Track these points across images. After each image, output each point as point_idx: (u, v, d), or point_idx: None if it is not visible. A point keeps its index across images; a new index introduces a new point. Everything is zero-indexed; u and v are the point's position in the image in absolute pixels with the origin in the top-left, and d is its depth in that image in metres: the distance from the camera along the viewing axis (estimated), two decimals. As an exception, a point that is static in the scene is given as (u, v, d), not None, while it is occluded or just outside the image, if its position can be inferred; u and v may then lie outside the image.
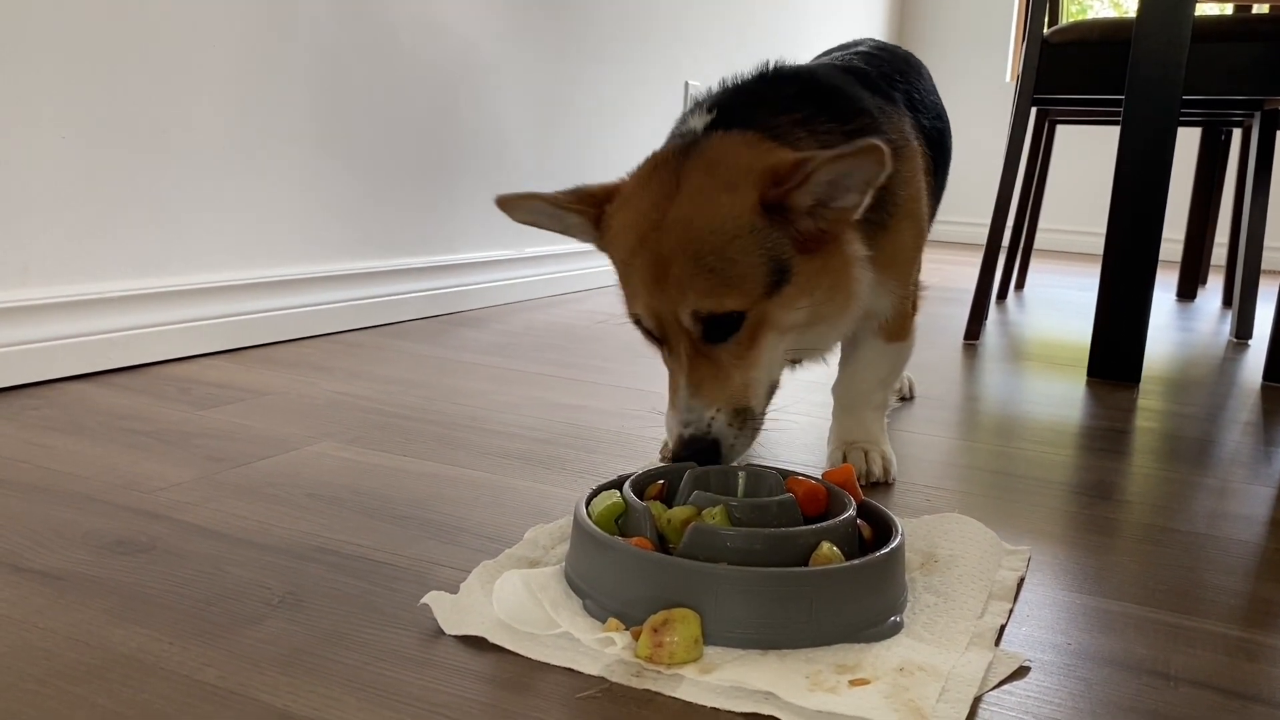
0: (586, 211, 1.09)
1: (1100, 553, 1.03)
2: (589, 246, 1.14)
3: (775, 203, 0.97)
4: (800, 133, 1.06)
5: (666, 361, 1.06)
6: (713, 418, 1.00)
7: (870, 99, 1.16)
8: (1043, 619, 0.87)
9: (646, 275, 1.00)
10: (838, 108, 1.11)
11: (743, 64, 1.19)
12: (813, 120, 1.08)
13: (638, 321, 1.07)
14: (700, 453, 0.99)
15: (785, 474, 0.95)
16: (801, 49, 4.39)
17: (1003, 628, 0.85)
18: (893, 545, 0.84)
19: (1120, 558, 1.02)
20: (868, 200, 0.98)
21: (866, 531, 0.90)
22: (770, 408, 1.07)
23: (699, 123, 1.09)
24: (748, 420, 1.02)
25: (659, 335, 1.05)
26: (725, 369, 1.01)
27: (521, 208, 1.10)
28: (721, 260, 0.97)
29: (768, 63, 1.20)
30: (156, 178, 1.65)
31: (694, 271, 0.97)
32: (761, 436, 1.07)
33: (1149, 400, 1.81)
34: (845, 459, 1.23)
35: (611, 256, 1.08)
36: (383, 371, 1.70)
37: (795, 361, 1.16)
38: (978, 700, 0.73)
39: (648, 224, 1.01)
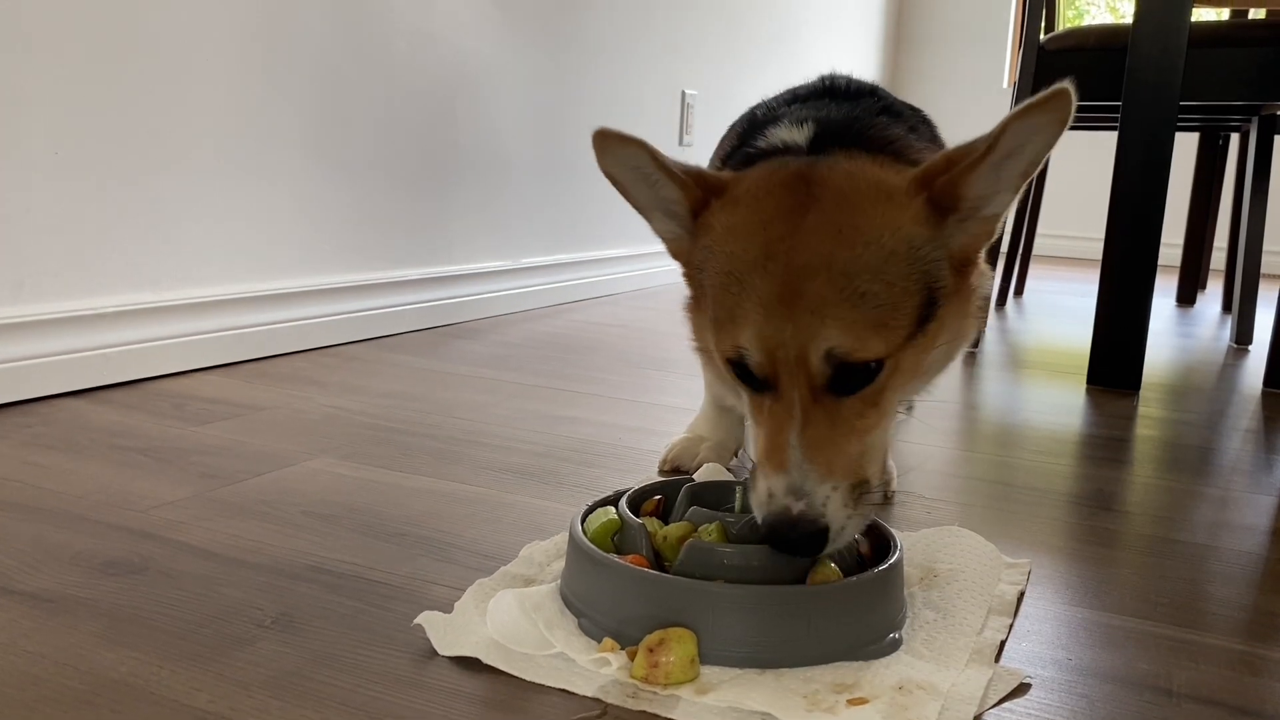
0: (690, 190, 0.88)
1: (1101, 565, 1.02)
2: (585, 255, 1.09)
3: (947, 197, 0.81)
4: (915, 144, 0.97)
5: (762, 407, 0.83)
6: (828, 496, 0.77)
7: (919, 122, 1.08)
8: (1044, 634, 0.86)
9: (768, 295, 0.79)
10: (912, 125, 1.03)
11: (740, 75, 1.16)
12: (909, 135, 0.98)
13: (738, 357, 0.82)
14: (804, 539, 0.77)
15: None
16: (799, 59, 4.39)
17: (1003, 643, 0.84)
18: (891, 561, 0.83)
19: (1121, 570, 1.01)
20: (1018, 197, 0.83)
21: (865, 547, 0.89)
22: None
23: (799, 136, 0.96)
24: (863, 497, 0.80)
25: (764, 375, 0.81)
26: (846, 430, 0.79)
27: (616, 152, 0.89)
28: (877, 283, 0.78)
29: (833, 76, 1.11)
30: (150, 192, 1.64)
31: (840, 296, 0.77)
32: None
33: (1149, 408, 1.80)
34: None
35: (709, 265, 0.86)
36: (379, 385, 1.69)
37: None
38: (978, 718, 0.72)
39: (776, 231, 0.81)
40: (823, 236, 0.79)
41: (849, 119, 0.99)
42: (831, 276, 0.77)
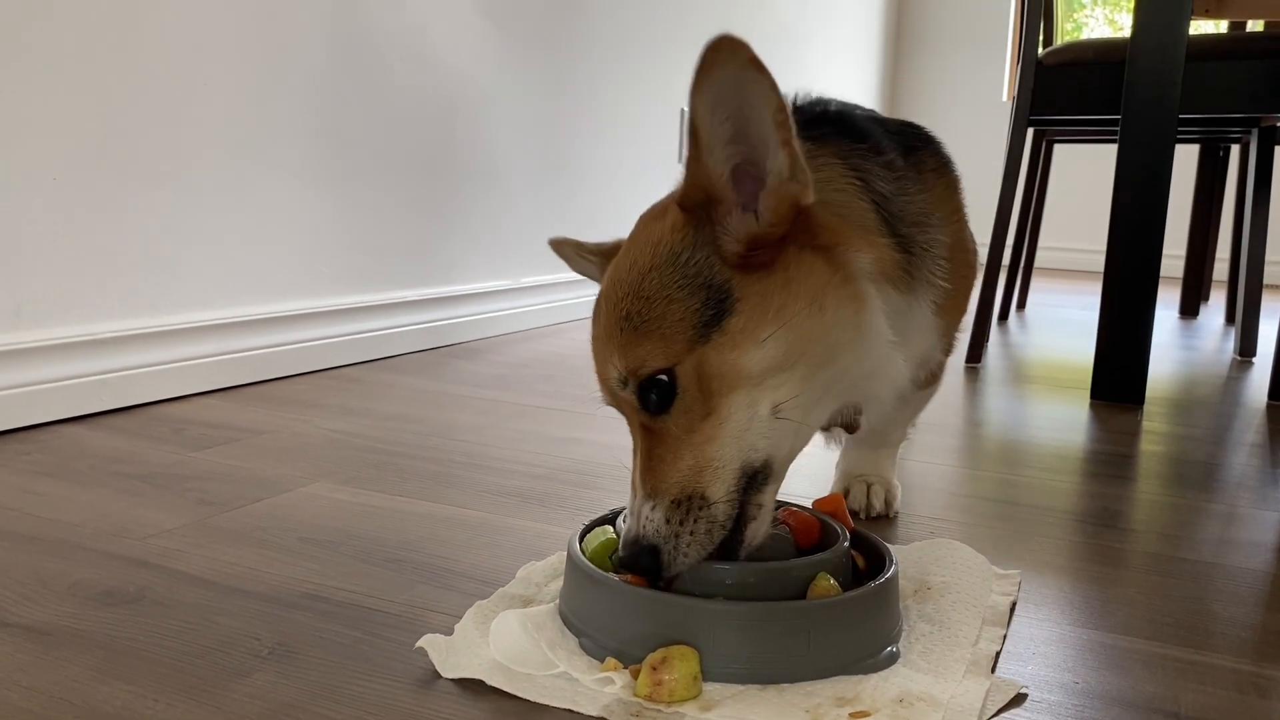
0: (598, 263, 1.00)
1: (1106, 584, 1.01)
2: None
3: (692, 197, 0.79)
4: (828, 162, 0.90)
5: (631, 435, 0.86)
6: (648, 516, 0.78)
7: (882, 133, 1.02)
8: (1049, 656, 0.85)
9: (592, 339, 0.86)
10: (864, 140, 0.96)
11: None
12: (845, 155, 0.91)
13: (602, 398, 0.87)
14: (636, 557, 0.78)
15: (778, 505, 0.93)
16: (798, 76, 4.40)
17: (998, 654, 0.84)
18: (887, 575, 0.84)
19: (1127, 589, 1.00)
20: (801, 157, 0.76)
21: (861, 561, 0.89)
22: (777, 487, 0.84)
23: None
24: (696, 511, 0.78)
25: (615, 407, 0.85)
26: (674, 448, 0.79)
27: (560, 251, 1.05)
28: (638, 301, 0.79)
29: (795, 98, 1.12)
30: (148, 217, 1.64)
31: (612, 322, 0.80)
32: None
33: (1153, 422, 1.79)
34: (848, 492, 1.21)
35: None
36: (378, 407, 1.68)
37: (827, 429, 1.00)
38: None
39: (605, 282, 0.86)
40: (612, 272, 0.84)
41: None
42: (608, 309, 0.81)
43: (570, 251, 1.04)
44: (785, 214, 0.78)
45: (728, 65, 0.73)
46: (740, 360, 0.78)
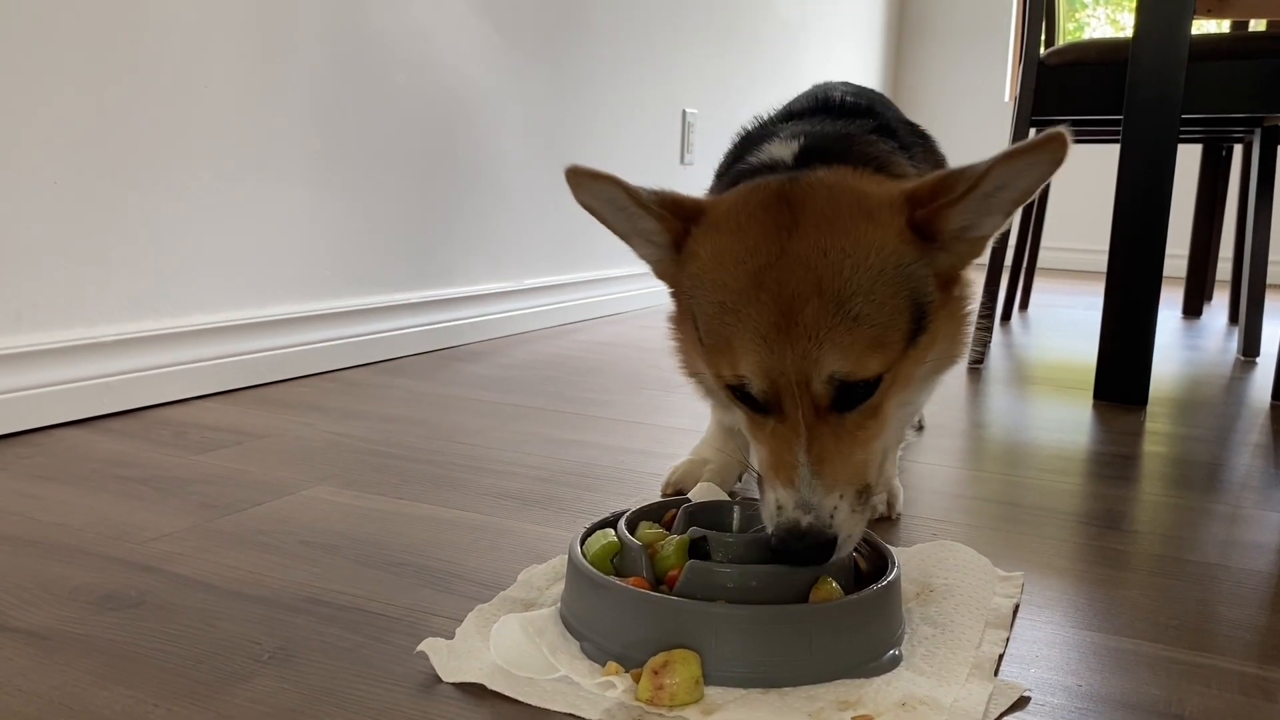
0: (669, 222, 0.89)
1: (1110, 586, 1.01)
2: (587, 275, 1.08)
3: (928, 227, 0.82)
4: (904, 163, 0.97)
5: (764, 426, 0.84)
6: (835, 506, 0.80)
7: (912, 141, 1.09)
8: (1052, 659, 0.84)
9: (764, 325, 0.80)
10: (905, 143, 1.03)
11: (741, 93, 1.14)
12: (898, 152, 0.99)
13: (739, 384, 0.83)
14: (813, 549, 0.79)
15: None
16: (800, 77, 4.40)
17: (1001, 657, 0.84)
18: (890, 578, 0.83)
19: (1130, 591, 1.00)
20: (1012, 220, 0.85)
21: (863, 564, 0.89)
22: None
23: (785, 152, 0.96)
24: (866, 501, 0.83)
25: (766, 400, 0.82)
26: (849, 442, 0.81)
27: (590, 189, 0.89)
28: (869, 305, 0.79)
29: (824, 91, 1.11)
30: (148, 220, 1.64)
31: (835, 322, 0.78)
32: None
33: (1156, 423, 1.78)
34: (850, 494, 1.21)
35: (699, 293, 0.86)
36: (380, 410, 1.68)
37: None
38: None
39: (763, 257, 0.81)
40: (810, 261, 0.80)
41: (838, 135, 0.99)
42: (824, 303, 0.79)
43: (614, 193, 0.88)
44: (968, 260, 0.87)
45: (1048, 155, 0.77)
46: (914, 373, 0.85)
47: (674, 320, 0.97)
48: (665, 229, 0.89)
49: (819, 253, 0.80)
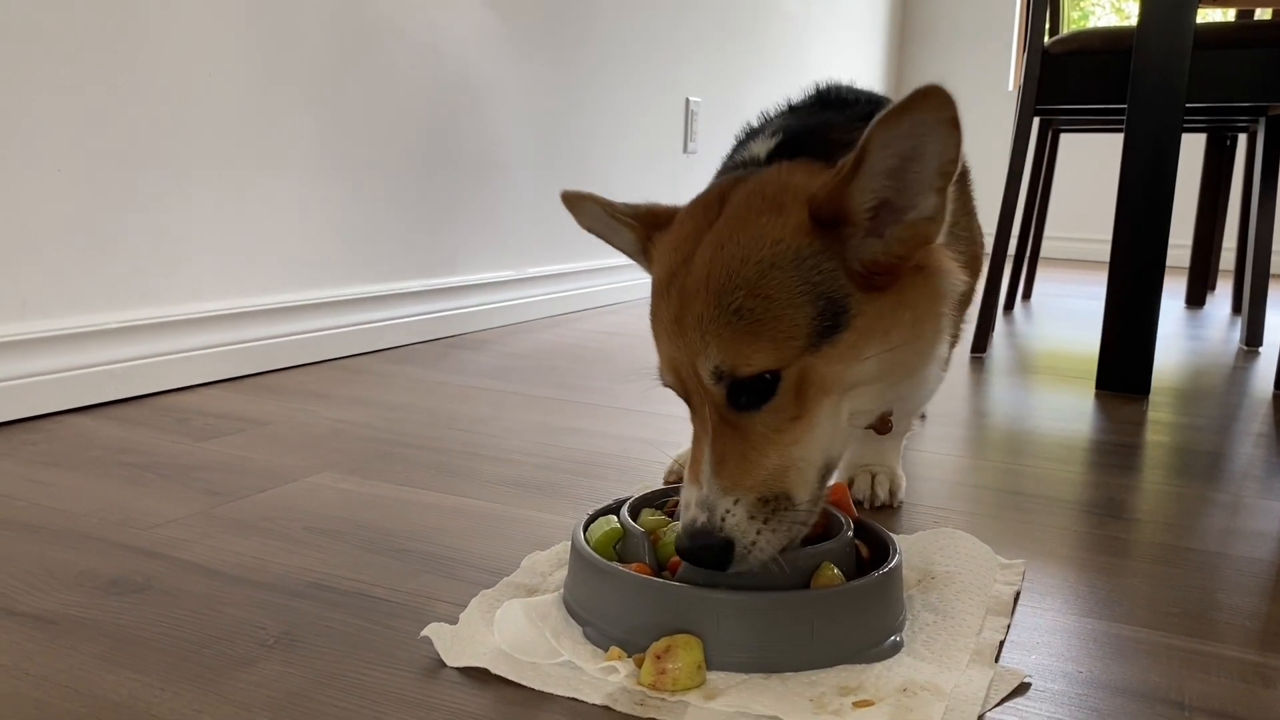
0: (636, 229, 0.93)
1: (1111, 574, 1.01)
2: (590, 264, 1.09)
3: (827, 212, 0.78)
4: None
5: (694, 425, 0.85)
6: (729, 510, 0.77)
7: None
8: (1053, 646, 0.85)
9: (667, 319, 0.82)
10: None
11: (744, 81, 1.13)
12: None
13: (661, 376, 0.86)
14: (703, 550, 0.77)
15: None
16: (803, 65, 4.39)
17: (1001, 643, 0.84)
18: (891, 565, 0.84)
19: (1132, 579, 1.00)
20: (950, 201, 0.79)
21: (864, 551, 0.89)
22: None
23: (762, 148, 0.96)
24: (780, 512, 0.78)
25: (681, 396, 0.84)
26: (758, 446, 0.78)
27: (580, 208, 0.96)
28: (752, 298, 0.77)
29: (826, 83, 1.10)
30: (152, 207, 1.64)
31: (715, 314, 0.77)
32: None
33: (1159, 412, 1.79)
34: (853, 482, 1.21)
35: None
36: (384, 398, 1.68)
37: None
38: (981, 718, 0.73)
39: (679, 256, 0.83)
40: (708, 256, 0.80)
41: (817, 125, 0.96)
42: (709, 295, 0.78)
43: (596, 209, 0.95)
44: (912, 248, 0.80)
45: (927, 113, 0.73)
46: (843, 373, 0.80)
47: None
48: (636, 238, 0.93)
49: (717, 247, 0.80)
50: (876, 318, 0.80)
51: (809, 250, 0.78)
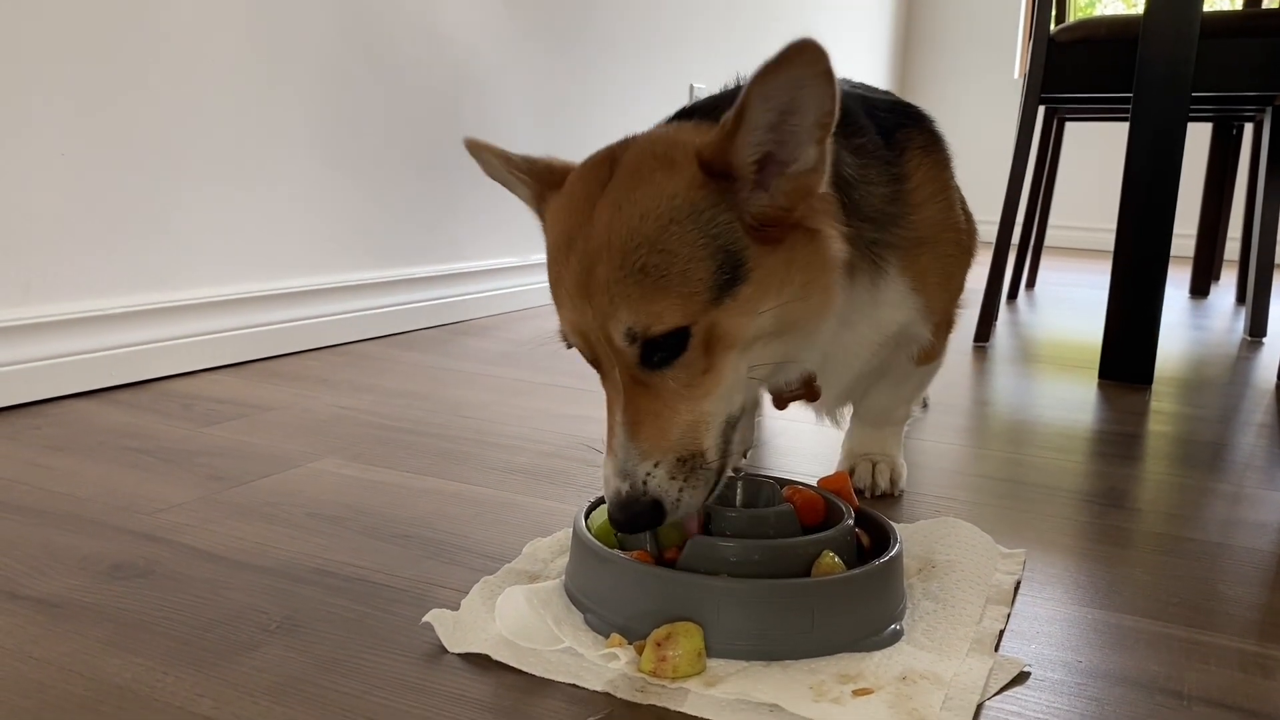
0: (529, 184, 0.92)
1: (1112, 564, 1.01)
2: None
3: (716, 163, 0.79)
4: None
5: (605, 389, 0.85)
6: (649, 472, 0.79)
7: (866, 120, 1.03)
8: (1052, 635, 0.85)
9: (569, 281, 0.81)
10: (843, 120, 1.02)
11: (748, 66, 1.12)
12: None
13: (565, 340, 0.86)
14: (637, 516, 0.79)
15: (783, 483, 0.94)
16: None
17: (1001, 632, 0.84)
18: (891, 554, 0.84)
19: (1132, 569, 1.00)
20: (829, 155, 0.80)
21: (865, 539, 0.90)
22: (748, 437, 0.89)
23: (673, 117, 0.97)
24: (696, 469, 0.80)
25: (590, 359, 0.84)
26: (670, 404, 0.80)
27: (481, 158, 0.95)
28: (655, 253, 0.77)
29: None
30: (157, 192, 1.64)
31: (621, 274, 0.77)
32: (777, 445, 0.97)
33: (1161, 402, 1.78)
34: (853, 471, 1.21)
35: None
36: (387, 384, 1.69)
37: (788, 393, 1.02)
38: (980, 707, 0.73)
39: (575, 219, 0.82)
40: (607, 216, 0.79)
41: (717, 98, 0.96)
42: (612, 255, 0.78)
43: (493, 159, 0.94)
44: (796, 200, 0.80)
45: (801, 67, 0.74)
46: (745, 326, 0.80)
47: None
48: (531, 193, 0.92)
49: (615, 207, 0.79)
50: (770, 272, 0.81)
51: (705, 203, 0.79)
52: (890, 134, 1.02)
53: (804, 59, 0.73)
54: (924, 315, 1.06)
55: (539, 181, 0.91)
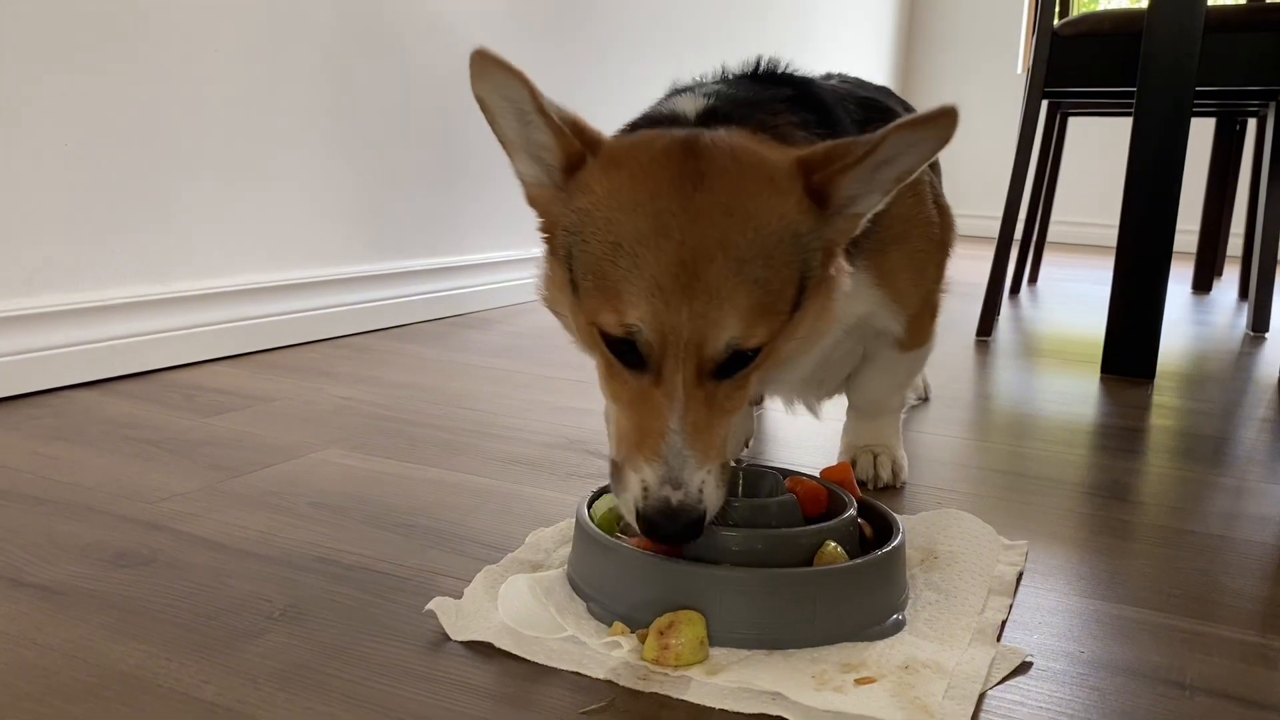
0: (567, 141, 0.83)
1: (1114, 556, 1.02)
2: None
3: (823, 189, 0.79)
4: (799, 135, 0.94)
5: (627, 384, 0.80)
6: (704, 480, 0.76)
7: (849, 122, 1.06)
8: (1055, 626, 0.85)
9: (664, 275, 0.75)
10: (829, 120, 1.01)
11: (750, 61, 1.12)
12: (809, 126, 0.96)
13: (626, 335, 0.77)
14: (688, 527, 0.75)
15: (785, 474, 0.94)
16: (811, 46, 4.37)
17: (1004, 623, 0.84)
18: (894, 544, 0.84)
19: (1134, 561, 1.00)
20: (889, 199, 0.83)
21: (868, 530, 0.90)
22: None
23: (691, 106, 0.94)
24: (725, 478, 0.79)
25: (649, 356, 0.77)
26: (716, 414, 0.78)
27: (493, 80, 0.86)
28: (768, 268, 0.76)
29: (761, 60, 1.11)
30: (159, 184, 1.64)
31: (738, 281, 0.75)
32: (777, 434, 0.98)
33: (1164, 396, 1.78)
34: (855, 463, 1.21)
35: (586, 229, 0.80)
36: (389, 376, 1.69)
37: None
38: (982, 696, 0.73)
39: (666, 204, 0.76)
40: (715, 217, 0.76)
41: (747, 101, 0.97)
42: (728, 260, 0.75)
43: (515, 84, 0.85)
44: (845, 237, 0.84)
45: (940, 130, 0.77)
46: (786, 349, 0.83)
47: (545, 252, 0.90)
48: (561, 149, 0.83)
49: (725, 212, 0.76)
50: (815, 299, 0.82)
51: (804, 226, 0.79)
52: (861, 130, 1.03)
53: (944, 124, 0.76)
54: (888, 307, 1.08)
55: (581, 141, 0.83)
